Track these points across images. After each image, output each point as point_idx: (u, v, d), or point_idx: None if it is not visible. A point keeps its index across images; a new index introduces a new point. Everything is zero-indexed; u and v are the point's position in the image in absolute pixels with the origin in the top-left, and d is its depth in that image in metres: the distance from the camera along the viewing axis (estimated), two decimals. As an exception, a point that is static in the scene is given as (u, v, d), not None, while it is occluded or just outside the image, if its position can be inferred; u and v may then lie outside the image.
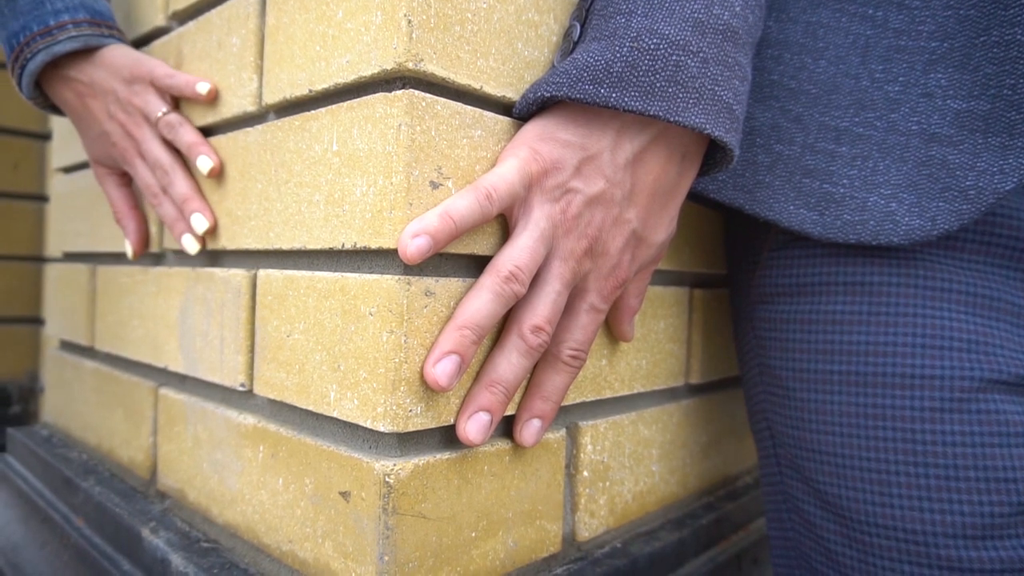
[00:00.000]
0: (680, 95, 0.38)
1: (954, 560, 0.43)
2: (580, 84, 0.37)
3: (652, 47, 0.37)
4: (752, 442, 0.73)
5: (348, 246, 0.38)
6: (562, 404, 0.43)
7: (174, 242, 0.55)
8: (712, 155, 0.45)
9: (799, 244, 0.51)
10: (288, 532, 0.42)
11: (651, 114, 0.37)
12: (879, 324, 0.46)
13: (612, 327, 0.48)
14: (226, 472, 0.48)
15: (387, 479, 0.35)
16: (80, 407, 0.71)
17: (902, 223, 0.44)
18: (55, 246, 0.80)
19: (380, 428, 0.35)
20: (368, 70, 0.37)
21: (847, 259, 0.48)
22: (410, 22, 0.35)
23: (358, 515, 0.36)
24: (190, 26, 0.53)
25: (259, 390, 0.45)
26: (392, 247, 0.35)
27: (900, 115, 0.46)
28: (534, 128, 0.40)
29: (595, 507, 0.49)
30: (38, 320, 1.32)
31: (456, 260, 0.39)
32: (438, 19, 0.36)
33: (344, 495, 0.37)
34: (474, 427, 0.38)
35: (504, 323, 0.40)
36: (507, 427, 0.43)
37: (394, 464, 0.36)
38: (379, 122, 0.36)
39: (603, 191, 0.40)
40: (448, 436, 0.39)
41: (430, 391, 0.37)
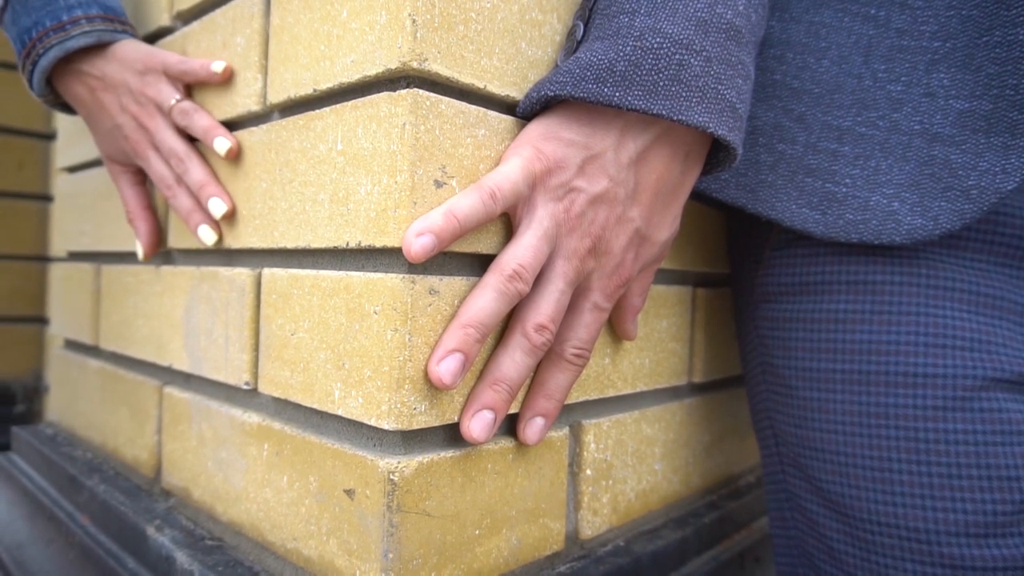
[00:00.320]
0: (683, 94, 0.38)
1: (957, 558, 0.43)
2: (583, 83, 0.37)
3: (655, 46, 0.37)
4: (755, 441, 0.73)
5: (352, 245, 0.38)
6: (565, 402, 0.44)
7: (179, 241, 0.56)
8: (715, 154, 0.45)
9: (802, 243, 0.51)
10: (292, 530, 0.42)
11: (654, 113, 0.38)
12: (882, 323, 0.47)
13: (615, 326, 0.48)
14: (231, 470, 0.48)
15: (391, 477, 0.35)
16: (85, 406, 0.71)
17: (904, 223, 0.45)
18: (60, 246, 0.80)
19: (384, 426, 0.36)
20: (372, 69, 0.37)
21: (850, 258, 0.48)
22: (414, 21, 0.35)
23: (362, 513, 0.37)
24: (194, 26, 0.53)
25: (263, 388, 0.45)
26: (396, 246, 0.35)
27: (902, 115, 0.46)
28: (538, 127, 0.40)
29: (598, 505, 0.49)
30: (43, 319, 1.32)
31: (460, 259, 0.39)
32: (442, 19, 0.36)
33: (348, 493, 0.38)
34: (478, 425, 0.38)
35: (508, 321, 0.40)
36: (511, 425, 0.43)
37: (398, 462, 0.36)
38: (383, 121, 0.36)
39: (606, 190, 0.40)
40: (452, 434, 0.39)
41: (434, 389, 0.37)
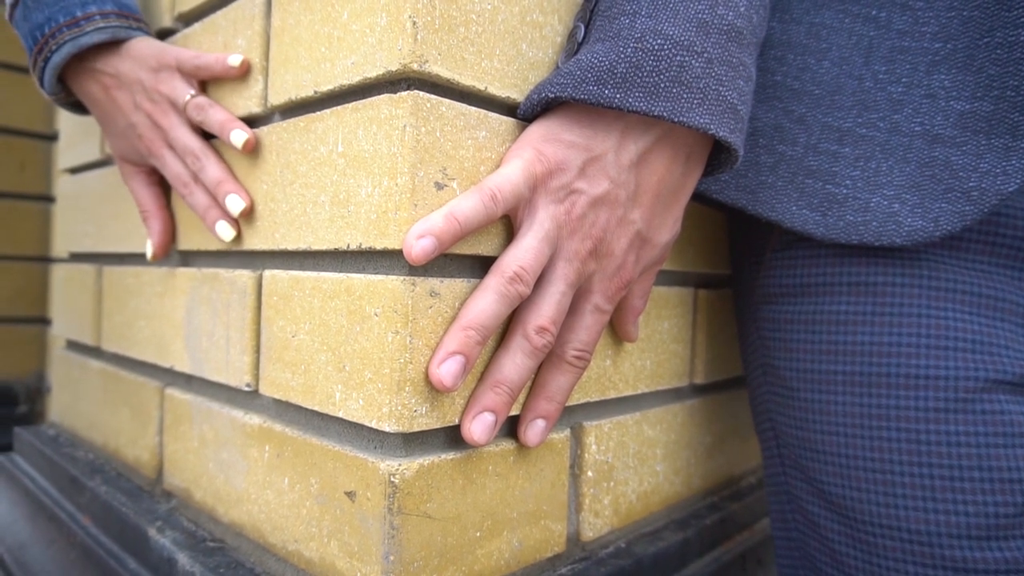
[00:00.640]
0: (684, 95, 0.38)
1: (959, 561, 0.43)
2: (584, 85, 0.37)
3: (656, 48, 0.37)
4: (756, 442, 0.73)
5: (353, 247, 0.38)
6: (566, 404, 0.43)
7: (181, 242, 0.56)
8: (716, 155, 0.45)
9: (802, 244, 0.51)
10: (294, 531, 0.42)
11: (655, 115, 0.38)
12: (883, 324, 0.46)
13: (616, 328, 0.48)
14: (232, 472, 0.48)
15: (392, 479, 0.35)
16: (86, 407, 0.72)
17: (905, 224, 0.44)
18: (62, 247, 0.80)
19: (385, 428, 0.36)
20: (373, 71, 0.37)
21: (851, 259, 0.48)
22: (415, 23, 0.35)
23: (363, 515, 0.37)
24: (196, 28, 0.53)
25: (265, 390, 0.45)
26: (397, 248, 0.35)
27: (903, 116, 0.46)
28: (538, 129, 0.40)
29: (599, 507, 0.49)
30: (45, 320, 1.32)
31: (461, 261, 0.39)
32: (443, 20, 0.36)
33: (349, 495, 0.38)
34: (479, 427, 0.38)
35: (509, 323, 0.40)
36: (512, 427, 0.43)
37: (399, 464, 0.36)
38: (384, 123, 0.36)
39: (607, 192, 0.40)
40: (453, 436, 0.39)
41: (435, 391, 0.37)
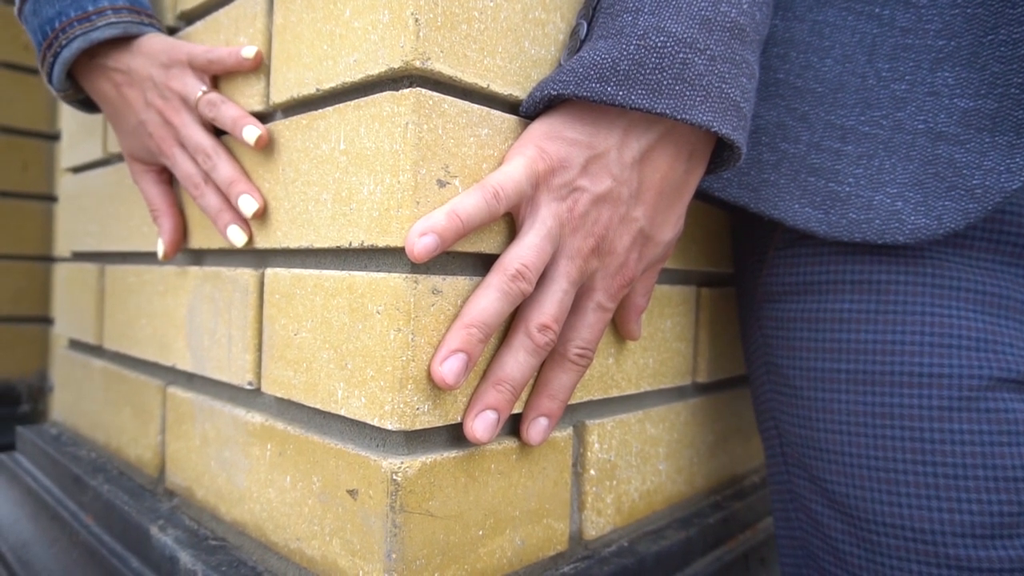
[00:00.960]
0: (687, 93, 0.38)
1: (963, 559, 0.43)
2: (587, 82, 0.37)
3: (659, 45, 0.37)
4: (759, 441, 0.72)
5: (355, 245, 0.38)
6: (569, 403, 0.43)
7: (191, 241, 0.56)
8: (719, 153, 0.45)
9: (805, 243, 0.50)
10: (296, 530, 0.42)
11: (658, 112, 0.37)
12: (887, 322, 0.46)
13: (619, 326, 0.48)
14: (234, 470, 0.48)
15: (394, 477, 0.35)
16: (89, 405, 0.72)
17: (908, 222, 0.44)
18: (64, 246, 0.80)
19: (387, 426, 0.35)
20: (375, 69, 0.37)
21: (854, 257, 0.48)
22: (417, 21, 0.35)
23: (366, 513, 0.37)
24: (198, 26, 0.53)
25: (267, 388, 0.45)
26: (399, 245, 0.35)
27: (906, 114, 0.45)
28: (541, 126, 0.40)
29: (602, 506, 0.49)
30: (47, 319, 1.32)
31: (463, 258, 0.39)
32: (445, 18, 0.36)
33: (352, 493, 0.38)
34: (481, 425, 0.38)
35: (511, 321, 0.40)
36: (514, 425, 0.43)
37: (401, 462, 0.36)
38: (386, 121, 0.36)
39: (610, 189, 0.40)
40: (455, 434, 0.39)
41: (437, 389, 0.37)
